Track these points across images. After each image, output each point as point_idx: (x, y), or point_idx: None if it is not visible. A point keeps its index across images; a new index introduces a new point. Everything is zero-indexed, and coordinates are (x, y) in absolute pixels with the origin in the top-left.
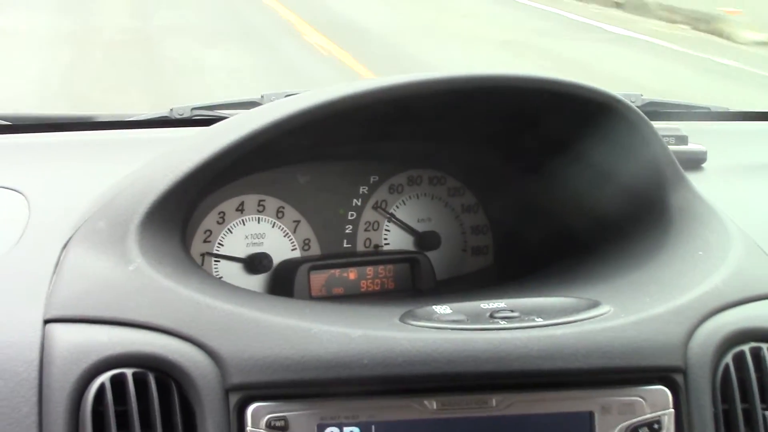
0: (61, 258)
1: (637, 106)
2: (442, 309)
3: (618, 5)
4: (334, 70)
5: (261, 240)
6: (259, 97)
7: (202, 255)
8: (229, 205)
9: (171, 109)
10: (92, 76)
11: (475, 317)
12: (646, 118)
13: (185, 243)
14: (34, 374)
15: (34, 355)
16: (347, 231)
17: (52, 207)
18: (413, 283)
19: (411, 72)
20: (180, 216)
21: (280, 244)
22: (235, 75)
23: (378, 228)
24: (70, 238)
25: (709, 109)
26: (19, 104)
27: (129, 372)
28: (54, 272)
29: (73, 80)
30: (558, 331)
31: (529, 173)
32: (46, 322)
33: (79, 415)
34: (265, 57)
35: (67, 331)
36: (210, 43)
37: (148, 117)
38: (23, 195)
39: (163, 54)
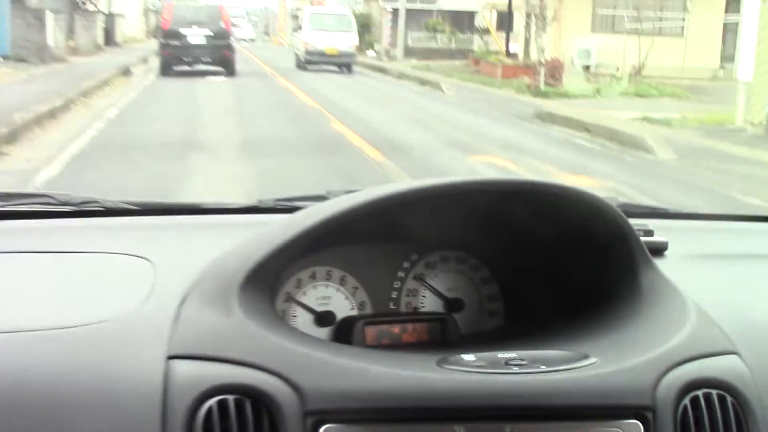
0: (180, 311)
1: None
2: (469, 357)
3: None
4: None
5: (328, 301)
6: (325, 192)
7: (283, 312)
8: (304, 274)
9: (259, 200)
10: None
11: (494, 364)
12: (625, 217)
13: (272, 302)
14: (159, 397)
15: (159, 382)
16: (393, 296)
17: (172, 272)
18: (443, 336)
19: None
20: (268, 282)
21: (342, 304)
22: None
23: (416, 294)
24: (186, 296)
25: (667, 210)
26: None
27: (231, 398)
28: (174, 321)
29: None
30: (557, 376)
31: (532, 257)
32: (168, 358)
33: (192, 428)
34: None
35: (184, 366)
36: None
37: (241, 206)
38: (150, 261)
39: None
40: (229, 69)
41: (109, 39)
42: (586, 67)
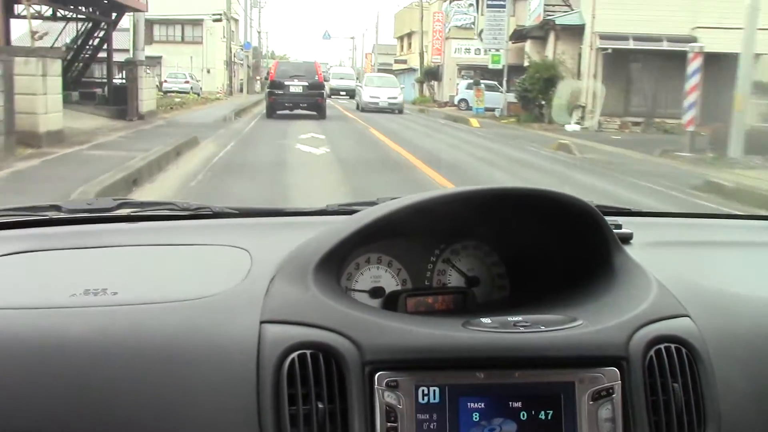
0: (270, 287)
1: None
2: (486, 320)
3: None
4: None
5: (379, 279)
6: (376, 199)
7: (345, 288)
8: (361, 259)
9: (327, 205)
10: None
11: (505, 325)
12: (601, 214)
13: (338, 280)
14: (254, 352)
15: (254, 341)
16: (427, 275)
17: (264, 258)
18: (464, 305)
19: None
20: (334, 265)
21: (389, 281)
22: None
23: (445, 273)
24: (274, 276)
25: (631, 209)
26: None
27: (308, 352)
28: (265, 295)
29: None
30: (553, 334)
31: (532, 244)
32: (261, 323)
33: (280, 376)
34: None
35: (272, 329)
36: None
37: (314, 209)
38: (248, 251)
39: None
40: (320, 113)
41: (130, 108)
42: None
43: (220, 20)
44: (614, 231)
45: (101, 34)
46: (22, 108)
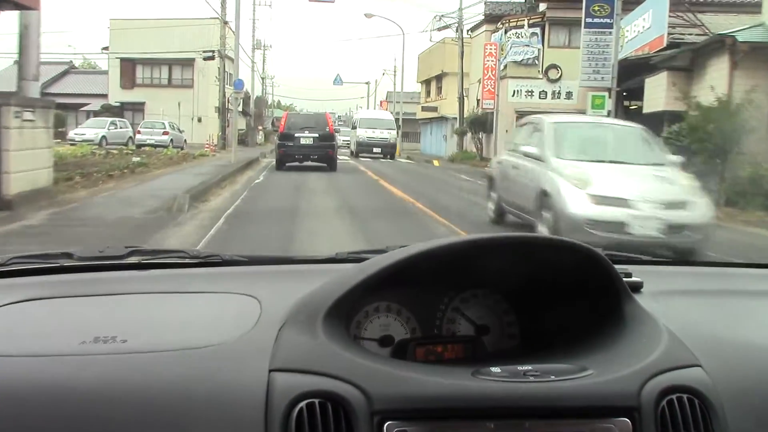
0: (279, 335)
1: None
2: (496, 369)
3: None
4: None
5: (387, 327)
6: (385, 247)
7: (354, 336)
8: (370, 307)
9: (336, 253)
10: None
11: (515, 374)
12: (610, 262)
13: (347, 328)
14: (263, 400)
15: (263, 389)
16: (437, 323)
17: (273, 306)
18: (474, 354)
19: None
20: (343, 313)
21: (398, 330)
22: None
23: (454, 322)
24: (283, 324)
25: (641, 257)
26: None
27: (317, 401)
28: (275, 343)
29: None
30: (564, 384)
31: (541, 292)
32: (270, 371)
33: (288, 425)
34: None
35: (281, 377)
36: None
37: (323, 257)
38: (257, 299)
39: None
40: (331, 165)
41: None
42: None
43: (212, 58)
44: (624, 279)
45: None
46: None
